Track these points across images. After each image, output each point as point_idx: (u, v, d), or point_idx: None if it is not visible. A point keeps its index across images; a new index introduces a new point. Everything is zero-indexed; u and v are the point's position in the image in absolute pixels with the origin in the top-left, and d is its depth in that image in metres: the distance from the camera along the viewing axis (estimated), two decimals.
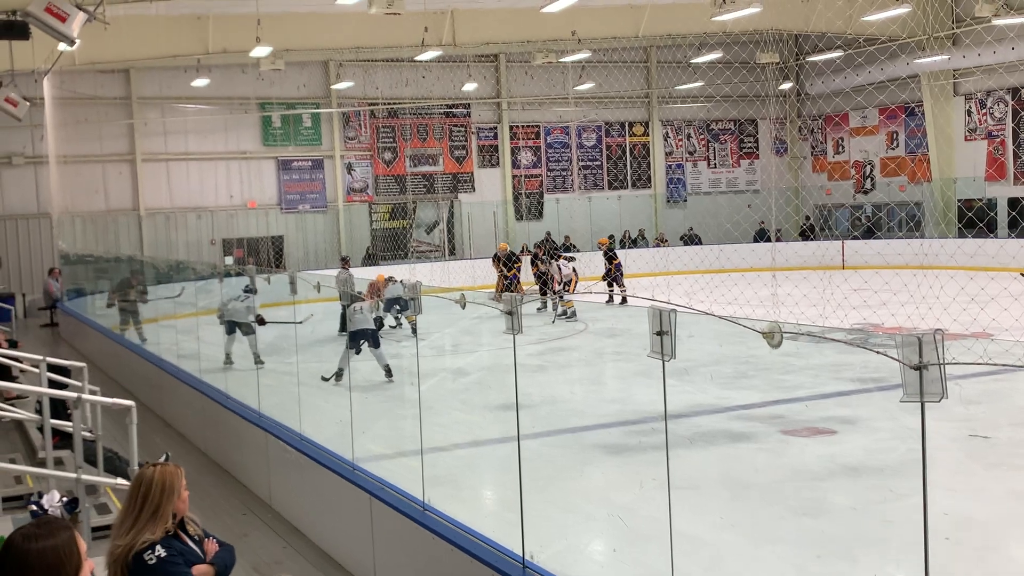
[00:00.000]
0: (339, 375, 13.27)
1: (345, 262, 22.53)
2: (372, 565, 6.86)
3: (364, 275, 24.31)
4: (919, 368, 3.21)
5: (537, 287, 23.09)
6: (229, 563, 4.72)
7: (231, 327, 15.03)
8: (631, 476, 9.21)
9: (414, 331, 18.26)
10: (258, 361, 13.69)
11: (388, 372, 13.99)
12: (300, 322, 11.39)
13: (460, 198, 34.53)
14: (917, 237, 29.16)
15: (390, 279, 21.91)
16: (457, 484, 8.66)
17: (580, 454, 10.20)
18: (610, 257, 23.92)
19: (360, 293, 14.90)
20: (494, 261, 25.06)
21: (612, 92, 34.10)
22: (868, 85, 29.78)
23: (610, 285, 23.75)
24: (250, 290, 14.44)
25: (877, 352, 3.57)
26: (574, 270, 23.12)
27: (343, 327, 18.27)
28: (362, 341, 13.84)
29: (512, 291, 22.38)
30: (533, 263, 24.11)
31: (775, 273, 19.77)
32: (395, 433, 10.32)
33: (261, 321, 14.28)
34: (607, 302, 23.50)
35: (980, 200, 30.60)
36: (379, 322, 15.28)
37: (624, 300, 23.25)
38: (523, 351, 5.68)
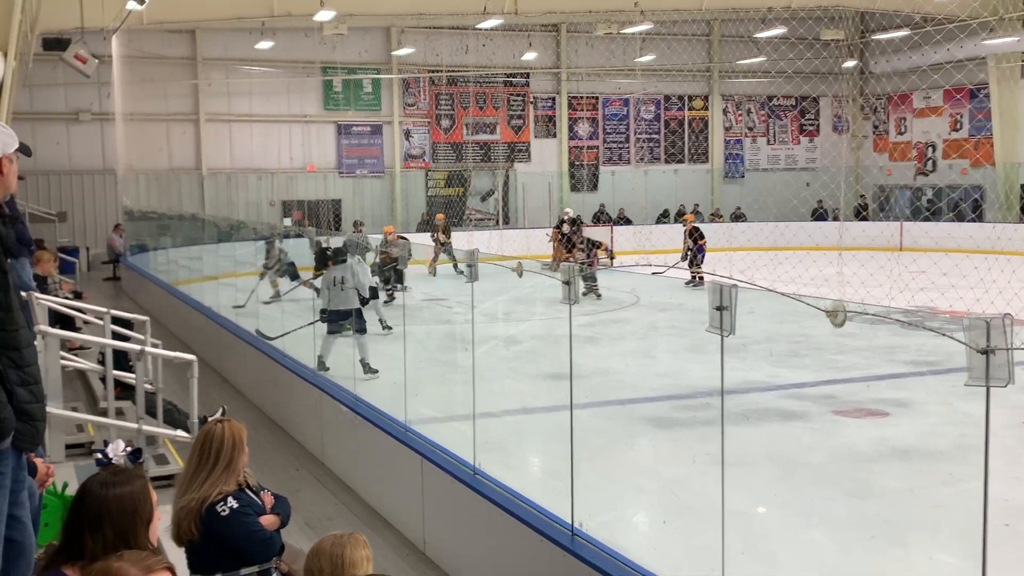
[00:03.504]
0: (321, 365, 10.99)
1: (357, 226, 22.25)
2: (422, 524, 6.93)
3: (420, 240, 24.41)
4: (986, 352, 3.15)
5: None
6: (288, 514, 4.82)
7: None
8: (681, 450, 9.19)
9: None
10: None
11: (367, 368, 11.20)
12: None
13: (516, 167, 34.46)
14: (984, 221, 28.59)
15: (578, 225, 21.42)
16: (506, 450, 8.68)
17: (629, 426, 10.19)
18: (695, 237, 22.37)
19: (348, 247, 12.78)
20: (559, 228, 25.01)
21: (673, 65, 33.71)
22: (941, 65, 29.05)
23: (691, 264, 22.11)
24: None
25: (944, 335, 3.51)
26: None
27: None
28: (345, 322, 11.61)
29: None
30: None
31: (841, 252, 19.46)
32: (446, 398, 10.36)
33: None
34: (688, 283, 21.63)
35: None
36: (364, 301, 12.19)
37: (694, 280, 21.51)
38: (575, 322, 5.67)
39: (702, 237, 22.51)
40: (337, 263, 11.91)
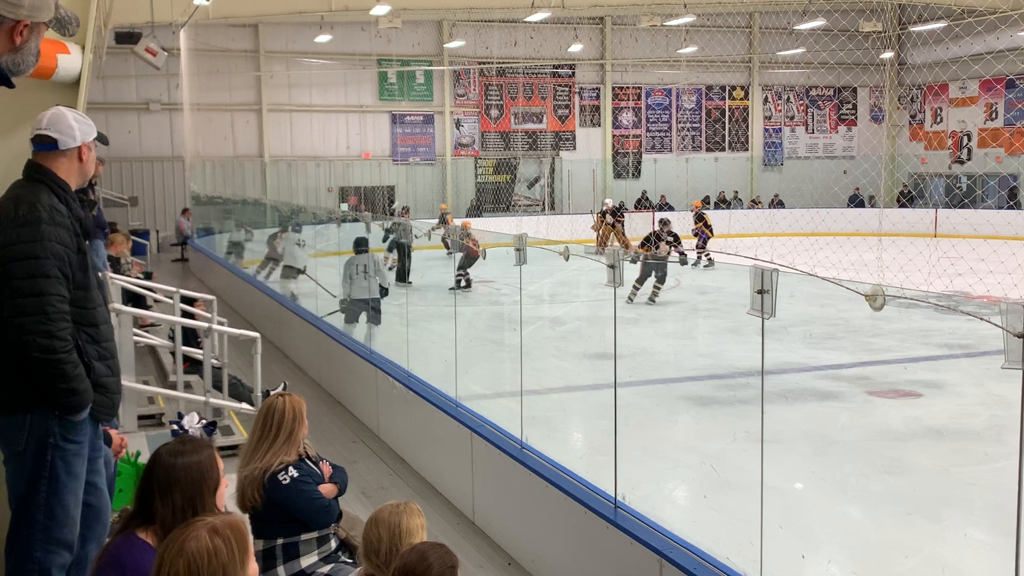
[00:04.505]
0: None
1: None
2: (471, 495, 6.96)
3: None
4: (1023, 336, 3.09)
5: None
6: (345, 483, 4.86)
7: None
8: (720, 427, 9.14)
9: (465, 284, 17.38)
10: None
11: None
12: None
13: (562, 155, 34.37)
14: (1022, 209, 27.98)
15: (663, 222, 19.99)
16: (551, 426, 8.70)
17: (671, 404, 10.15)
18: (697, 218, 23.86)
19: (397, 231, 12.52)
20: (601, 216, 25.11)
21: (715, 56, 33.35)
22: (979, 55, 28.40)
23: (702, 247, 23.28)
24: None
25: (981, 319, 3.45)
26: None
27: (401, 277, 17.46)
28: (360, 312, 11.32)
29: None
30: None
31: (880, 238, 19.18)
32: (494, 375, 10.38)
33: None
34: (693, 264, 22.49)
35: None
36: (384, 291, 11.76)
37: (710, 261, 22.14)
38: (618, 304, 5.66)
39: (698, 221, 23.82)
40: (360, 252, 11.71)
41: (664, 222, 20.36)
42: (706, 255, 22.33)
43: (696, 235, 23.82)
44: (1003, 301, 3.17)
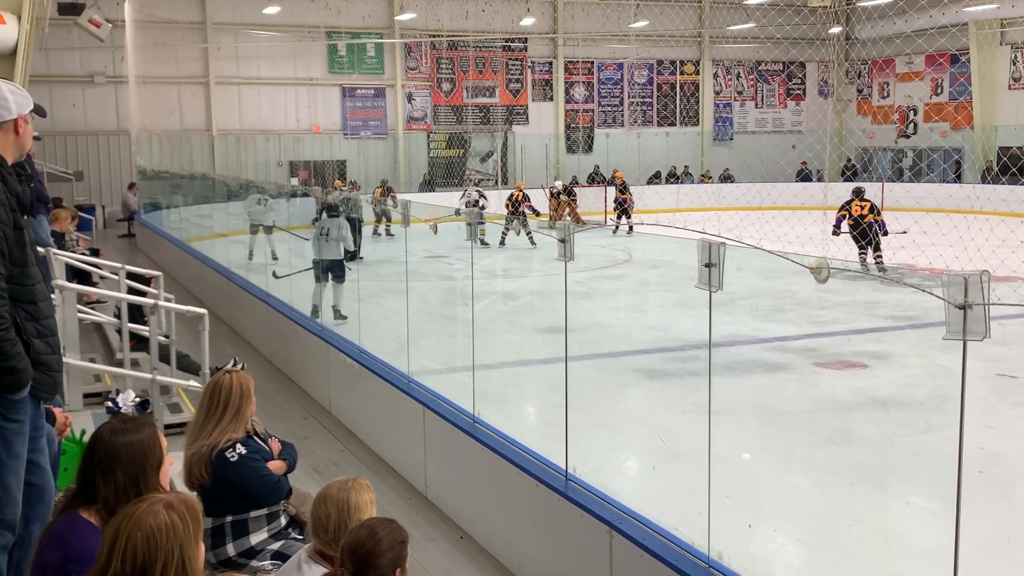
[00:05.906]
0: (315, 312, 11.19)
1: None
2: (423, 470, 6.96)
3: (424, 199, 24.31)
4: (964, 307, 3.13)
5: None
6: (295, 459, 4.83)
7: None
8: (670, 399, 9.22)
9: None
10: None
11: (337, 313, 11.40)
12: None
13: (514, 130, 34.27)
14: (968, 183, 28.49)
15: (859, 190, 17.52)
16: (504, 400, 8.70)
17: (621, 377, 10.20)
18: (622, 190, 24.82)
19: (337, 198, 12.82)
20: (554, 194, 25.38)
21: (665, 31, 33.40)
22: (924, 30, 28.75)
23: (619, 217, 24.53)
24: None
25: (924, 291, 3.49)
26: None
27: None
28: (327, 273, 11.77)
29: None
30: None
31: (826, 212, 19.40)
32: (447, 350, 10.36)
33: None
34: (614, 232, 24.06)
35: (1019, 148, 29.69)
36: (347, 254, 12.24)
37: (631, 229, 24.01)
38: (570, 278, 5.66)
39: (623, 192, 24.88)
40: (330, 216, 12.13)
41: (858, 191, 17.76)
42: (627, 224, 24.12)
43: (619, 204, 24.94)
44: (945, 273, 3.21)
